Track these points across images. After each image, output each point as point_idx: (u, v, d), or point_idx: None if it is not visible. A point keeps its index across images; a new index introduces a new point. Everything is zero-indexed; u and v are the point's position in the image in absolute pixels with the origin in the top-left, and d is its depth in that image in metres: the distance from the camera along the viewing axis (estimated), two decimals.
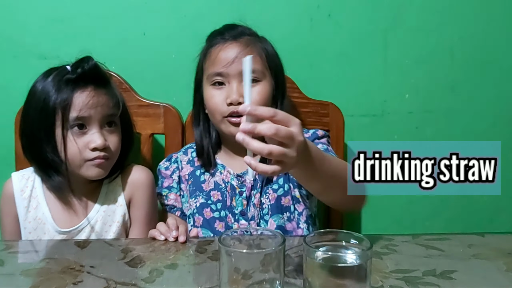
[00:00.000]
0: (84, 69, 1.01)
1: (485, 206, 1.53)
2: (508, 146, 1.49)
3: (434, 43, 1.42)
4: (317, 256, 0.63)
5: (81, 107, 0.98)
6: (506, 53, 1.44)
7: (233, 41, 1.06)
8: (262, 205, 1.07)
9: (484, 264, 0.81)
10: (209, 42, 1.12)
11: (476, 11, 1.41)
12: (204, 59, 1.11)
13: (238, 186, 1.08)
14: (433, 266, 0.79)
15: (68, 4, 1.32)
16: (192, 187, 1.12)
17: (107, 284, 0.72)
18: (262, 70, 1.06)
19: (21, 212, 1.05)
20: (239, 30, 1.10)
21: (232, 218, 1.07)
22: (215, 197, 1.08)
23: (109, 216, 1.06)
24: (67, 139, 0.98)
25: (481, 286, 0.72)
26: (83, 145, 0.99)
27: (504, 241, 0.91)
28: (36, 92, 1.01)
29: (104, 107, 1.02)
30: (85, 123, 1.00)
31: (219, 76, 1.05)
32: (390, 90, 1.43)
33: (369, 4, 1.38)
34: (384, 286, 0.72)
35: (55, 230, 1.03)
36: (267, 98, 1.06)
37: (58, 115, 0.98)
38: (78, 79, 1.00)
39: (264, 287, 0.63)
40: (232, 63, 1.03)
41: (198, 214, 1.08)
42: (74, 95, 0.99)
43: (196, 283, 0.72)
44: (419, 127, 1.46)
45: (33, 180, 1.08)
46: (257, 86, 1.05)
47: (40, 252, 0.90)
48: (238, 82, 1.02)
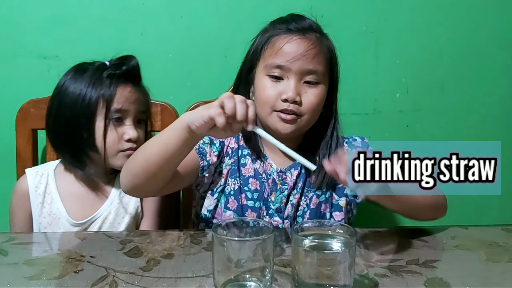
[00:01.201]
0: (129, 66, 1.10)
1: (474, 203, 1.57)
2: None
3: (424, 44, 1.46)
4: (304, 244, 0.67)
5: (123, 101, 1.07)
6: (494, 53, 1.49)
7: (301, 36, 1.00)
8: (299, 207, 1.05)
9: (466, 254, 0.85)
10: (272, 29, 1.04)
11: (465, 12, 1.46)
12: (265, 46, 1.02)
13: (280, 182, 1.05)
14: (417, 256, 0.83)
15: (68, 5, 1.35)
16: (234, 167, 1.06)
17: (107, 273, 0.75)
18: (324, 72, 1.01)
19: (35, 208, 1.09)
20: (306, 23, 1.04)
21: (266, 211, 1.04)
22: (253, 186, 1.04)
23: (122, 208, 1.11)
24: (108, 128, 1.05)
25: (461, 274, 0.76)
26: (119, 136, 1.07)
27: (486, 233, 0.96)
28: (70, 85, 1.07)
29: (140, 104, 1.11)
30: (122, 116, 1.08)
31: (279, 69, 0.99)
32: (381, 89, 1.47)
33: (360, 5, 1.43)
34: (369, 274, 0.75)
35: (69, 223, 1.08)
36: (322, 101, 1.02)
37: (100, 106, 1.05)
38: (120, 75, 1.08)
39: (255, 274, 0.67)
40: (298, 60, 0.97)
41: (234, 198, 1.04)
42: (118, 89, 1.06)
43: (191, 271, 0.76)
44: (410, 126, 1.50)
45: (46, 177, 1.12)
46: (316, 88, 1.00)
47: (42, 244, 0.93)
48: (297, 80, 0.98)
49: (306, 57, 0.98)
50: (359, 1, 1.42)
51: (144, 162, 0.88)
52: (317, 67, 0.99)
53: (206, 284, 0.71)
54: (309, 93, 0.99)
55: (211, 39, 1.38)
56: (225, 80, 1.25)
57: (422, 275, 0.75)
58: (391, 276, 0.75)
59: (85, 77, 1.07)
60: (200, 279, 0.73)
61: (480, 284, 0.72)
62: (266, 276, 0.67)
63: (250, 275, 0.67)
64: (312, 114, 1.01)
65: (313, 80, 1.00)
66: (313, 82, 1.00)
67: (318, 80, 1.00)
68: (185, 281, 0.73)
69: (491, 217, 1.56)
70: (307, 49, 0.98)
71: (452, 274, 0.76)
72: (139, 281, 0.72)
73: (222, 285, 0.66)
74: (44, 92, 1.29)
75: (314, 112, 1.01)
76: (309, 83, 1.00)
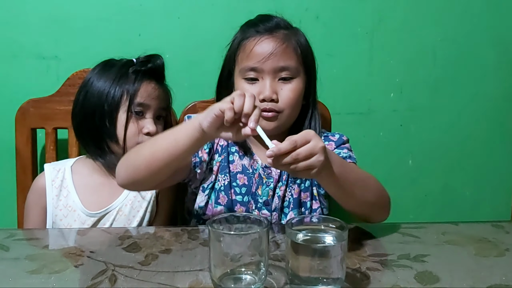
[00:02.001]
0: (155, 64, 1.17)
1: (466, 201, 1.60)
2: (488, 142, 1.56)
3: (418, 45, 1.49)
4: (298, 238, 0.69)
5: (146, 96, 1.13)
6: (486, 53, 1.52)
7: (268, 36, 1.03)
8: (285, 198, 1.09)
9: (456, 249, 0.87)
10: (242, 33, 1.08)
11: (458, 14, 1.49)
12: (237, 51, 1.07)
13: (266, 176, 1.09)
14: (408, 251, 0.85)
15: (66, 5, 1.37)
16: (224, 163, 1.09)
17: (106, 267, 0.77)
18: (296, 67, 1.04)
19: (50, 201, 1.14)
20: (274, 22, 1.07)
21: (254, 205, 1.08)
22: (241, 181, 1.08)
23: (138, 201, 1.15)
24: (129, 120, 1.10)
25: (450, 268, 0.78)
26: (139, 129, 1.13)
27: (475, 229, 0.98)
28: (96, 79, 1.13)
29: (161, 101, 1.17)
30: (144, 111, 1.13)
31: (253, 71, 1.03)
32: (375, 89, 1.50)
33: (355, 6, 1.45)
34: (361, 268, 0.78)
35: (85, 214, 1.12)
36: (300, 95, 1.06)
37: (124, 99, 1.11)
38: (146, 72, 1.14)
39: (251, 268, 0.69)
40: (268, 59, 1.01)
41: (224, 193, 1.08)
42: (142, 84, 1.12)
43: (189, 265, 0.78)
44: (403, 125, 1.53)
45: (63, 172, 1.16)
46: (291, 83, 1.04)
47: (42, 240, 0.95)
48: (272, 79, 1.02)
49: (275, 55, 1.01)
50: (353, 2, 1.45)
51: (150, 157, 0.90)
52: (288, 63, 1.03)
53: (203, 278, 0.73)
54: (285, 89, 1.03)
55: (208, 39, 1.40)
56: None
57: (412, 269, 0.77)
58: (382, 270, 0.77)
59: (112, 72, 1.13)
60: (197, 273, 0.75)
61: (469, 278, 0.74)
62: (261, 269, 0.69)
63: (246, 269, 0.69)
64: (292, 109, 1.04)
65: (287, 76, 1.03)
66: (288, 78, 1.03)
67: (292, 75, 1.04)
68: (183, 274, 0.75)
69: (483, 215, 1.59)
70: (275, 47, 1.01)
71: (441, 268, 0.78)
72: (137, 275, 0.74)
73: (218, 278, 0.68)
74: (43, 92, 1.31)
75: (294, 107, 1.05)
76: (284, 79, 1.03)
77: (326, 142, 1.12)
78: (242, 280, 0.69)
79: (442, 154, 1.56)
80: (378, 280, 0.74)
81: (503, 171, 1.58)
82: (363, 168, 1.07)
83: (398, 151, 1.54)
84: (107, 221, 1.12)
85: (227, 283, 0.68)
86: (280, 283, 0.72)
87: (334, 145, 1.13)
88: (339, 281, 0.68)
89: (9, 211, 1.36)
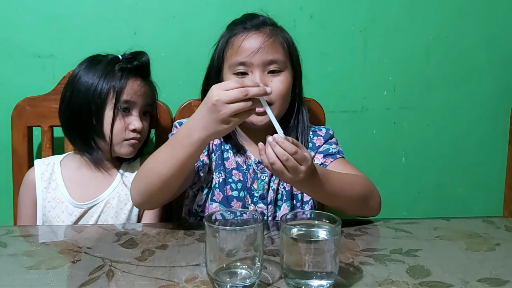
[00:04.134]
0: (140, 61, 1.17)
1: (458, 197, 1.62)
2: (480, 141, 1.58)
3: (411, 43, 1.51)
4: (292, 232, 0.70)
5: (132, 93, 1.14)
6: (478, 52, 1.53)
7: (256, 31, 1.06)
8: (278, 191, 1.11)
9: (447, 244, 0.89)
10: (229, 31, 1.11)
11: (450, 12, 1.50)
12: (226, 48, 1.09)
13: (260, 171, 1.11)
14: (400, 246, 0.87)
15: (62, 4, 1.38)
16: (218, 161, 1.11)
17: (103, 263, 0.78)
18: (284, 60, 1.07)
19: (40, 194, 1.16)
20: (260, 19, 1.10)
21: (250, 199, 1.10)
22: (236, 177, 1.10)
23: (126, 194, 1.16)
24: (116, 117, 1.12)
25: (441, 262, 0.80)
26: (125, 126, 1.14)
27: (467, 224, 1.00)
28: (83, 75, 1.13)
29: (146, 97, 1.19)
30: (130, 107, 1.15)
31: (242, 66, 1.05)
32: (369, 87, 1.52)
33: (349, 5, 1.47)
34: (354, 262, 0.79)
35: (72, 205, 1.13)
36: (289, 87, 1.08)
37: (110, 96, 1.11)
38: (132, 69, 1.15)
39: (246, 263, 0.70)
40: (256, 53, 1.03)
41: (219, 190, 1.09)
42: (128, 82, 1.13)
43: (185, 261, 0.79)
44: (397, 123, 1.55)
45: (52, 165, 1.19)
46: (280, 76, 1.06)
47: (40, 236, 0.96)
48: (261, 72, 1.04)
49: (264, 48, 1.03)
50: (347, 1, 1.46)
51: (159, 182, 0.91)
52: (276, 56, 1.05)
53: (199, 273, 0.75)
54: (274, 81, 1.05)
55: (203, 38, 1.40)
56: None
57: (404, 263, 0.79)
58: (375, 264, 0.79)
59: (98, 68, 1.13)
60: (193, 267, 0.77)
61: (460, 271, 0.76)
62: (256, 264, 0.70)
63: (241, 264, 0.70)
64: (282, 101, 1.06)
65: (276, 69, 1.05)
66: (277, 71, 1.06)
67: (280, 67, 1.06)
68: (179, 269, 0.76)
69: (475, 212, 1.61)
70: (264, 41, 1.04)
71: (433, 262, 0.80)
72: (134, 270, 0.76)
73: (214, 273, 0.69)
74: (39, 90, 1.32)
75: (283, 98, 1.07)
76: (273, 72, 1.05)
77: (315, 137, 1.15)
78: (237, 274, 0.70)
79: (435, 152, 1.58)
80: (371, 274, 0.75)
81: (495, 168, 1.60)
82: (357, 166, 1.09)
83: (392, 148, 1.56)
84: (95, 213, 1.14)
85: (223, 277, 0.69)
86: (274, 278, 0.73)
87: (322, 140, 1.15)
88: (333, 275, 0.69)
89: (5, 209, 1.37)
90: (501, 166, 1.59)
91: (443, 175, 1.60)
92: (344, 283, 0.72)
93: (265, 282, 0.72)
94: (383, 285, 0.71)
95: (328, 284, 0.69)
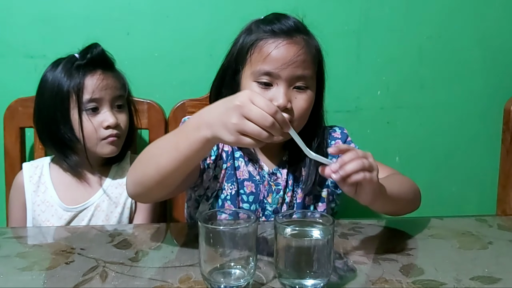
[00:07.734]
0: (93, 54, 1.11)
1: (452, 197, 1.62)
2: (473, 140, 1.59)
3: (404, 43, 1.51)
4: (286, 232, 0.70)
5: (93, 90, 1.09)
6: (472, 51, 1.54)
7: (289, 40, 0.96)
8: (290, 204, 1.06)
9: (440, 243, 0.89)
10: (257, 30, 1.00)
11: (444, 12, 1.51)
12: (251, 50, 0.98)
13: (274, 184, 1.04)
14: (394, 245, 0.87)
15: (54, 4, 1.37)
16: (230, 171, 1.03)
17: (97, 263, 0.78)
18: (312, 76, 0.99)
19: (29, 197, 1.14)
20: (292, 23, 1.00)
21: (262, 212, 1.04)
22: (248, 189, 1.03)
23: (116, 197, 1.15)
24: (83, 119, 1.08)
25: (435, 260, 0.80)
26: (97, 125, 1.09)
27: (460, 223, 1.00)
28: (47, 80, 1.11)
29: (113, 89, 1.13)
30: (98, 105, 1.10)
31: (268, 76, 0.95)
32: (363, 87, 1.52)
33: (342, 6, 1.46)
34: (348, 261, 0.79)
35: (62, 209, 1.12)
36: (311, 106, 1.00)
37: (72, 98, 1.08)
38: (87, 64, 1.10)
39: (240, 263, 0.70)
40: (287, 67, 0.94)
41: (230, 202, 1.02)
42: (86, 79, 1.09)
43: (179, 261, 0.79)
44: (390, 122, 1.55)
45: (41, 168, 1.17)
46: (305, 94, 0.97)
47: (32, 238, 0.95)
48: (287, 86, 0.95)
49: (296, 63, 0.94)
50: (341, 1, 1.46)
51: (157, 174, 0.81)
52: (306, 72, 0.97)
53: (193, 273, 0.75)
54: (299, 98, 0.97)
55: (196, 38, 1.41)
56: (211, 78, 1.26)
57: (398, 262, 0.79)
58: (368, 263, 0.79)
59: (58, 72, 1.11)
60: (187, 268, 0.76)
61: (453, 270, 0.76)
62: (250, 264, 0.70)
63: (235, 264, 0.70)
64: (302, 120, 0.99)
65: (302, 85, 0.97)
66: (303, 87, 0.97)
67: (307, 84, 0.98)
68: (173, 270, 0.76)
69: (469, 211, 1.61)
70: (296, 55, 0.95)
71: (426, 260, 0.80)
72: (128, 271, 0.75)
73: (208, 273, 0.69)
74: (32, 91, 1.30)
75: (304, 117, 1.00)
76: (298, 88, 0.97)
77: (332, 141, 1.11)
78: (231, 274, 0.70)
79: (429, 151, 1.58)
80: (365, 273, 0.75)
81: (488, 168, 1.61)
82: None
83: (385, 148, 1.56)
84: (85, 217, 1.13)
85: (217, 277, 0.69)
86: (269, 277, 0.73)
87: (340, 142, 1.11)
88: (327, 274, 0.69)
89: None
90: (494, 165, 1.60)
91: (436, 174, 1.60)
92: (338, 282, 0.72)
93: (259, 282, 0.72)
94: (377, 284, 0.71)
95: (322, 283, 0.69)
